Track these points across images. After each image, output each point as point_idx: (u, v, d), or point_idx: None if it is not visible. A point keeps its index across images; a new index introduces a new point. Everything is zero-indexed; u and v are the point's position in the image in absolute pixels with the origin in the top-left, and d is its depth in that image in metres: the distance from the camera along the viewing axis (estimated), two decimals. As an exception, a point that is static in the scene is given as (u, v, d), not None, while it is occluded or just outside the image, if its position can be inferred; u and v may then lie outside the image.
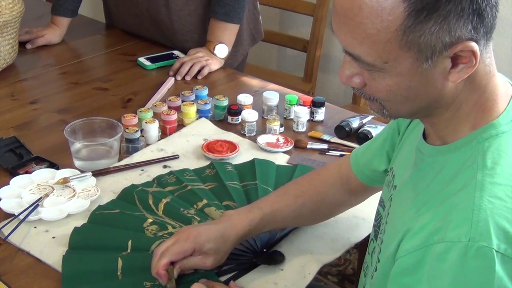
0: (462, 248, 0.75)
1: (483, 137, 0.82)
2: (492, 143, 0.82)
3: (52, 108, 1.66)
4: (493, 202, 0.77)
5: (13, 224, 1.20)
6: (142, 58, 1.91)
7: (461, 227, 0.76)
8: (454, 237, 0.76)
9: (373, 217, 1.28)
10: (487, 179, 0.79)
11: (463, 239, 0.75)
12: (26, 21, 1.93)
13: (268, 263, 1.14)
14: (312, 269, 1.13)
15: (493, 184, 0.78)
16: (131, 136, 1.45)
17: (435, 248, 0.77)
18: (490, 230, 0.75)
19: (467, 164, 0.82)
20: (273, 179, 1.37)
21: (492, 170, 0.79)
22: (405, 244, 0.82)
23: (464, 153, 0.83)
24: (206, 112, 1.61)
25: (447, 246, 0.76)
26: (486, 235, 0.75)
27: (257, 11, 2.09)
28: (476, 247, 0.74)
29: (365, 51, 0.79)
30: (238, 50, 2.05)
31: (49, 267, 1.13)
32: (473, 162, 0.81)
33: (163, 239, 1.17)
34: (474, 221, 0.76)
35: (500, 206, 0.76)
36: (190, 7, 1.92)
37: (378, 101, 0.85)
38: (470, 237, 0.75)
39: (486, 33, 0.78)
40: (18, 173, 1.36)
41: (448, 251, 0.76)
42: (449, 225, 0.77)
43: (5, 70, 1.83)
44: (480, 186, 0.78)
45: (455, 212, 0.78)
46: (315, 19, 2.60)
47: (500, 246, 0.74)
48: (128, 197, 1.30)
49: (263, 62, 3.00)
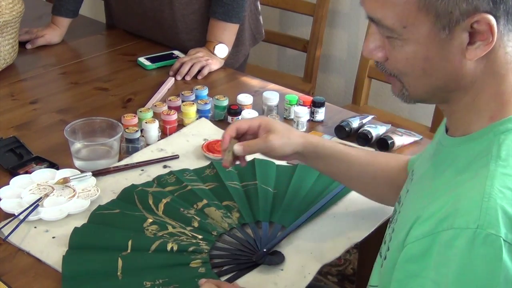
0: (470, 235, 0.75)
1: (500, 130, 0.83)
2: (508, 136, 0.82)
3: (52, 108, 1.66)
4: (504, 192, 0.77)
5: (13, 224, 1.20)
6: (142, 58, 1.91)
7: (470, 214, 0.76)
8: (462, 223, 0.76)
9: (372, 217, 1.28)
10: (499, 169, 0.79)
11: (471, 226, 0.75)
12: (26, 21, 1.93)
13: (268, 263, 1.14)
14: (312, 269, 1.13)
15: (505, 175, 0.78)
16: (131, 136, 1.45)
17: (443, 235, 0.77)
18: (499, 219, 0.75)
19: (481, 154, 0.82)
20: (273, 179, 1.37)
21: (505, 162, 0.80)
22: (414, 231, 0.82)
23: (480, 144, 0.84)
24: (206, 112, 1.61)
25: (455, 232, 0.76)
26: (494, 223, 0.75)
27: (258, 11, 2.09)
28: (484, 234, 0.74)
29: (386, 14, 0.81)
30: (240, 50, 2.05)
31: (49, 267, 1.13)
32: (488, 153, 0.81)
33: (163, 239, 1.17)
34: (483, 209, 0.76)
35: (510, 197, 0.76)
36: (193, 6, 1.92)
37: (398, 78, 0.87)
38: (479, 224, 0.75)
39: (507, 13, 0.79)
40: (18, 173, 1.36)
41: (456, 237, 0.76)
42: (458, 212, 0.77)
43: (5, 70, 1.83)
44: (492, 176, 0.78)
45: (465, 199, 0.78)
46: (315, 19, 2.60)
47: (508, 236, 0.74)
48: (128, 197, 1.30)
49: (263, 62, 3.00)
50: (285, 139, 1.17)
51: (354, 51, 2.77)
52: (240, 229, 1.22)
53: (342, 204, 1.31)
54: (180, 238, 1.18)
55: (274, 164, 1.42)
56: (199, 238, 1.19)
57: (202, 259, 1.13)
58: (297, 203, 1.29)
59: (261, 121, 1.19)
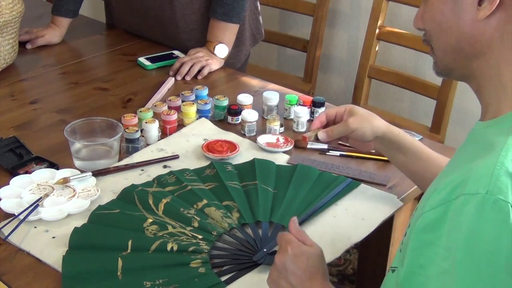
0: (479, 200, 0.76)
1: None
2: None
3: (52, 108, 1.66)
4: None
5: (13, 224, 1.20)
6: (142, 58, 1.91)
7: (481, 180, 0.77)
8: (473, 189, 0.77)
9: (372, 217, 1.28)
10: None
11: (481, 191, 0.76)
12: (26, 21, 1.93)
13: (268, 263, 1.14)
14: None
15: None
16: (131, 136, 1.45)
17: (456, 202, 0.79)
18: (509, 186, 0.76)
19: (503, 133, 0.83)
20: (273, 179, 1.37)
21: None
22: (430, 201, 0.83)
23: (504, 124, 0.85)
24: (206, 112, 1.61)
25: (465, 198, 0.77)
26: (504, 190, 0.76)
27: (258, 11, 2.09)
28: (493, 199, 0.75)
29: None
30: (241, 50, 2.05)
31: (49, 267, 1.13)
32: (509, 131, 0.82)
33: (163, 239, 1.17)
34: (494, 176, 0.77)
35: None
36: (194, 6, 1.92)
37: (430, 44, 0.93)
38: (488, 190, 0.76)
39: None
40: (18, 173, 1.36)
41: (466, 203, 0.77)
42: (469, 179, 0.79)
43: (5, 70, 1.83)
44: (508, 148, 0.80)
45: (478, 168, 0.80)
46: (315, 19, 2.60)
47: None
48: (128, 197, 1.30)
49: (263, 62, 3.00)
50: (365, 122, 1.26)
51: (354, 51, 2.77)
52: (240, 229, 1.22)
53: (342, 204, 1.31)
54: (180, 238, 1.18)
55: (274, 164, 1.42)
56: (199, 238, 1.19)
57: (202, 259, 1.13)
58: (297, 203, 1.29)
59: (346, 107, 1.29)
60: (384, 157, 1.44)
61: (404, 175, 1.33)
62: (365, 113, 1.28)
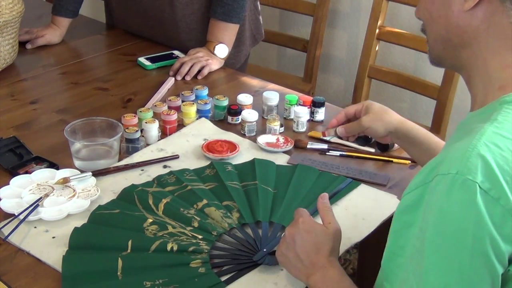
0: (449, 180, 0.78)
1: (505, 101, 0.86)
2: (511, 106, 0.85)
3: (52, 108, 1.66)
4: (489, 146, 0.80)
5: (13, 224, 1.20)
6: (142, 58, 1.91)
7: (453, 161, 0.80)
8: (445, 170, 0.80)
9: (372, 217, 1.28)
10: (491, 128, 0.82)
11: (452, 171, 0.79)
12: (26, 21, 1.93)
13: (268, 263, 1.14)
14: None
15: (496, 134, 0.81)
16: (131, 136, 1.45)
17: (432, 183, 0.81)
18: (478, 167, 0.78)
19: (483, 121, 0.85)
20: (273, 179, 1.37)
21: (500, 124, 0.82)
22: (410, 183, 0.86)
23: (485, 113, 0.87)
24: (206, 112, 1.61)
25: (438, 178, 0.80)
26: (473, 170, 0.78)
27: (258, 11, 2.09)
28: (462, 179, 0.78)
29: None
30: (241, 51, 2.05)
31: (49, 267, 1.13)
32: (488, 118, 0.84)
33: (163, 239, 1.17)
34: (465, 157, 0.79)
35: (495, 152, 0.79)
36: (194, 6, 1.92)
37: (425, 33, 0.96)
38: (458, 170, 0.78)
39: None
40: (18, 173, 1.36)
41: (438, 183, 0.80)
42: (444, 160, 0.81)
43: (5, 70, 1.83)
44: (483, 132, 0.81)
45: (453, 150, 0.82)
46: (315, 19, 2.60)
47: (485, 184, 0.77)
48: (128, 197, 1.30)
49: (263, 62, 3.00)
50: (377, 120, 1.30)
51: (354, 51, 2.77)
52: (240, 229, 1.22)
53: (342, 204, 1.31)
54: (180, 238, 1.18)
55: (274, 164, 1.42)
56: (199, 238, 1.18)
57: (202, 259, 1.13)
58: (297, 203, 1.29)
59: (364, 103, 1.34)
60: (384, 157, 1.45)
61: (404, 175, 1.33)
62: (379, 110, 1.31)
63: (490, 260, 0.77)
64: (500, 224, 0.77)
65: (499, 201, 0.77)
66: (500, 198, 0.77)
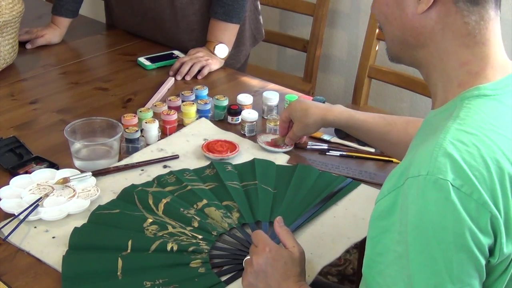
0: (421, 181, 0.80)
1: (465, 96, 0.87)
2: (471, 102, 0.86)
3: (52, 108, 1.66)
4: (455, 144, 0.81)
5: (13, 224, 1.20)
6: (142, 58, 1.91)
7: (422, 162, 0.81)
8: (415, 172, 0.81)
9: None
10: (455, 125, 0.83)
11: (423, 173, 0.80)
12: (26, 21, 1.93)
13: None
14: (312, 270, 1.13)
15: (460, 131, 0.82)
16: (131, 136, 1.45)
17: (403, 187, 0.82)
18: (447, 166, 0.79)
19: (445, 118, 0.86)
20: (273, 179, 1.37)
21: (462, 120, 0.84)
22: (382, 189, 0.87)
23: (448, 110, 0.88)
24: (206, 112, 1.61)
25: (409, 182, 0.81)
26: (443, 169, 0.79)
27: (258, 11, 2.09)
28: (433, 179, 0.79)
29: None
30: (241, 51, 2.05)
31: (49, 267, 1.13)
32: (450, 115, 0.86)
33: (163, 239, 1.17)
34: (433, 157, 0.80)
35: (461, 149, 0.80)
36: (194, 7, 1.92)
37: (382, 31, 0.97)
38: (428, 171, 0.79)
39: None
40: (18, 173, 1.36)
41: (410, 186, 0.81)
42: (412, 163, 0.82)
43: (5, 70, 1.83)
44: (447, 130, 0.83)
45: (420, 152, 0.83)
46: (315, 19, 2.60)
47: (456, 181, 0.78)
48: (128, 197, 1.30)
49: (263, 62, 3.00)
50: (304, 126, 1.39)
51: (354, 51, 2.77)
52: (240, 229, 1.22)
53: (342, 204, 1.31)
54: (180, 238, 1.18)
55: (274, 164, 1.42)
56: (199, 238, 1.19)
57: (202, 259, 1.13)
58: (297, 203, 1.29)
59: (288, 112, 1.43)
60: (384, 157, 1.45)
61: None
62: (299, 116, 1.39)
63: (473, 253, 0.79)
64: (476, 217, 0.78)
65: (472, 196, 0.78)
66: (472, 193, 0.78)
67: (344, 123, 1.35)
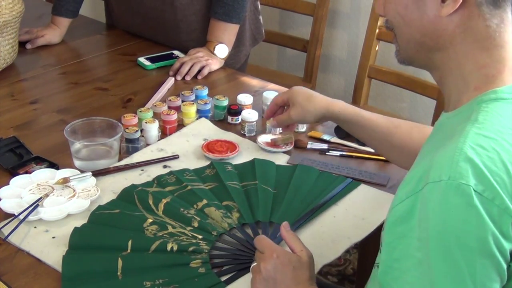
0: (442, 187, 0.78)
1: (483, 100, 0.87)
2: (489, 105, 0.86)
3: (52, 108, 1.66)
4: (475, 148, 0.80)
5: (13, 224, 1.20)
6: (142, 58, 1.91)
7: (443, 167, 0.80)
8: (436, 177, 0.80)
9: (372, 217, 1.28)
10: (474, 130, 0.82)
11: (444, 178, 0.79)
12: (26, 21, 1.93)
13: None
14: (312, 269, 1.13)
15: (479, 135, 0.82)
16: (131, 136, 1.45)
17: (423, 192, 0.81)
18: (469, 171, 0.78)
19: (462, 121, 0.86)
20: (273, 179, 1.37)
21: (481, 124, 0.83)
22: (398, 193, 0.86)
23: (465, 114, 0.87)
24: (206, 112, 1.61)
25: (430, 187, 0.80)
26: (465, 174, 0.78)
27: (258, 12, 2.09)
28: (456, 184, 0.78)
29: None
30: (241, 51, 2.05)
31: (49, 267, 1.13)
32: (467, 119, 0.85)
33: (163, 239, 1.17)
34: (454, 162, 0.79)
35: (481, 153, 0.80)
36: (195, 7, 1.92)
37: (393, 31, 0.95)
38: (450, 176, 0.78)
39: None
40: (18, 173, 1.36)
41: (431, 191, 0.80)
42: (432, 167, 0.81)
43: (5, 70, 1.83)
44: (466, 134, 0.82)
45: (439, 156, 0.82)
46: (315, 19, 2.60)
47: (478, 186, 0.77)
48: (128, 197, 1.30)
49: (263, 62, 3.00)
50: (304, 112, 1.33)
51: (354, 51, 2.77)
52: (240, 229, 1.22)
53: (342, 204, 1.31)
54: (180, 238, 1.18)
55: (274, 164, 1.42)
56: (199, 238, 1.19)
57: (202, 259, 1.13)
58: (297, 203, 1.29)
59: (288, 93, 1.37)
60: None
61: (404, 175, 1.33)
62: (302, 101, 1.33)
63: (496, 258, 0.78)
64: (499, 222, 0.78)
65: (494, 201, 0.77)
66: (494, 198, 0.78)
67: (350, 117, 1.30)
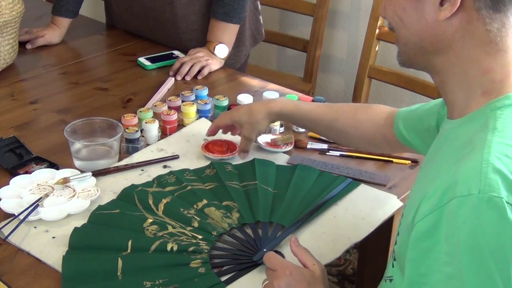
0: (474, 201, 0.76)
1: (496, 106, 0.85)
2: (504, 111, 0.84)
3: (52, 108, 1.66)
4: (501, 158, 0.78)
5: (13, 224, 1.20)
6: (142, 58, 1.91)
7: (471, 180, 0.78)
8: (464, 191, 0.77)
9: (372, 217, 1.28)
10: (496, 138, 0.81)
11: (474, 192, 0.77)
12: (26, 21, 1.93)
13: (268, 263, 1.14)
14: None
15: (502, 144, 0.80)
16: (131, 136, 1.45)
17: (449, 206, 0.79)
18: (499, 182, 0.76)
19: (479, 130, 0.84)
20: (273, 179, 1.37)
21: (501, 132, 0.82)
22: (421, 209, 0.83)
23: (478, 121, 0.86)
24: (206, 112, 1.61)
25: (458, 201, 0.78)
26: (495, 186, 0.76)
27: (258, 12, 2.09)
28: (487, 197, 0.76)
29: None
30: (241, 51, 2.05)
31: (49, 267, 1.13)
32: (485, 127, 0.83)
33: (163, 239, 1.17)
34: (483, 174, 0.77)
35: (508, 164, 0.78)
36: (194, 7, 1.92)
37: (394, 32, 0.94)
38: (480, 189, 0.76)
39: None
40: (18, 173, 1.36)
41: (460, 206, 0.77)
42: (458, 181, 0.79)
43: (5, 70, 1.83)
44: (489, 145, 0.80)
45: (464, 169, 0.80)
46: (315, 19, 2.60)
47: (510, 198, 0.76)
48: (128, 197, 1.30)
49: (263, 62, 3.00)
50: (253, 127, 1.37)
51: (354, 51, 2.77)
52: (240, 229, 1.22)
53: (342, 204, 1.31)
54: (180, 238, 1.18)
55: (274, 164, 1.42)
56: (199, 238, 1.19)
57: (202, 259, 1.13)
58: (297, 203, 1.29)
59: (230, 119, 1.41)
60: (384, 157, 1.45)
61: (404, 175, 1.33)
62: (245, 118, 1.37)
63: None
64: None
65: None
66: None
67: (290, 113, 1.34)
